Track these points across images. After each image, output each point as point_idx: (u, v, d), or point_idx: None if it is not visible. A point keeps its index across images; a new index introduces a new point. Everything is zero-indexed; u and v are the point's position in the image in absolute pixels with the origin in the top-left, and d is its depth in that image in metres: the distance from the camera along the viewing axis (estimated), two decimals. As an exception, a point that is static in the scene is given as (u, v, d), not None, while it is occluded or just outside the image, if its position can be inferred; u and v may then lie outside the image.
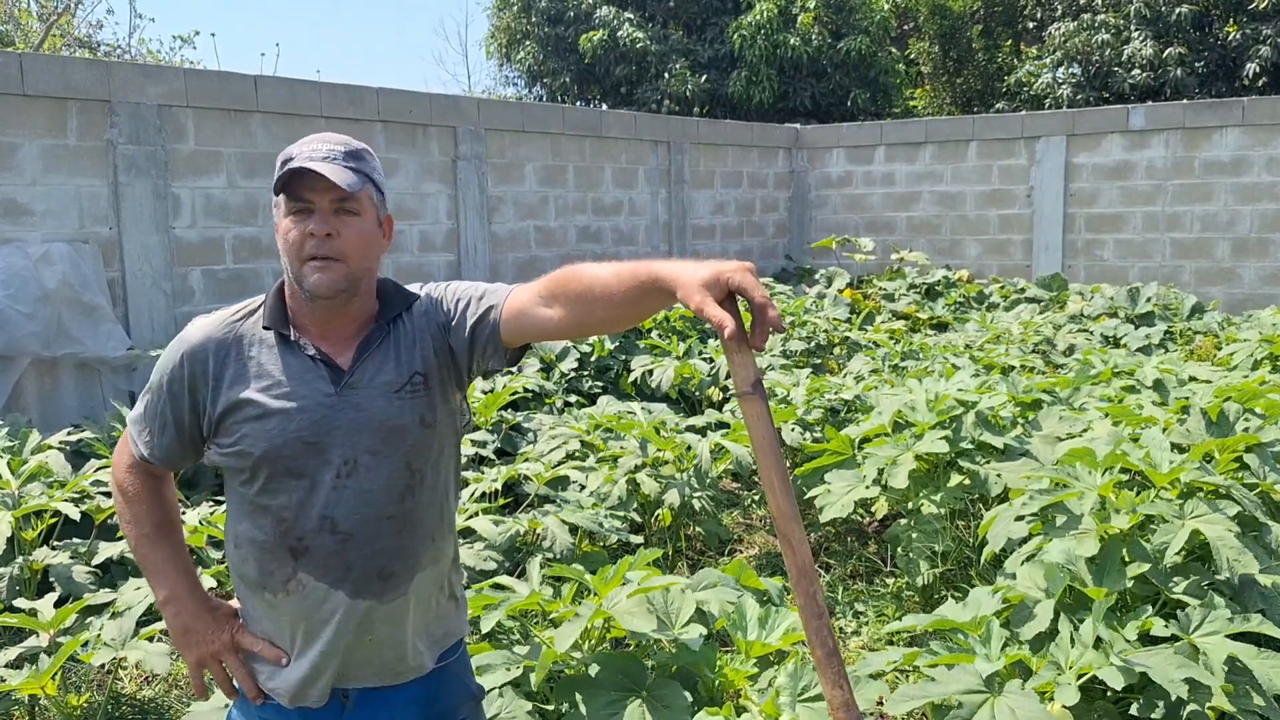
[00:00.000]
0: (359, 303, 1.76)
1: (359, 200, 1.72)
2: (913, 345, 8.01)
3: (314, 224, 1.69)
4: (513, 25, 18.66)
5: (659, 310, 1.64)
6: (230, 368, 1.74)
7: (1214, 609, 2.87)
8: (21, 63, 6.41)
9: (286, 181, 1.68)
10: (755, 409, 1.40)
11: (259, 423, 1.71)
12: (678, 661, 2.86)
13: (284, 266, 1.75)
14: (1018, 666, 2.72)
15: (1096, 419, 4.86)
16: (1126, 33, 15.10)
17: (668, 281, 1.50)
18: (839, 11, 16.77)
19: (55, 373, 6.42)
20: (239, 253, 7.53)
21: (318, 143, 1.73)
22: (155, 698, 3.76)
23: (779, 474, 1.40)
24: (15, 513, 3.98)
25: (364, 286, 1.76)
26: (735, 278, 1.42)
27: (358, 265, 1.72)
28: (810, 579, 1.39)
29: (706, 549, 5.14)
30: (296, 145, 1.74)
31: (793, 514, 1.41)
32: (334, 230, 1.69)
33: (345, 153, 1.72)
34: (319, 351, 1.74)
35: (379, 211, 1.77)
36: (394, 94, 8.58)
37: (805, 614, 1.39)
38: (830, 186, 13.16)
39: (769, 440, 1.40)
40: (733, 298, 1.45)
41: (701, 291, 1.43)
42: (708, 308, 1.41)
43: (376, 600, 1.75)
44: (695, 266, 1.47)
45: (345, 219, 1.70)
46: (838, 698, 1.38)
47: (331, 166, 1.68)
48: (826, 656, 1.38)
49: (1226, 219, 10.75)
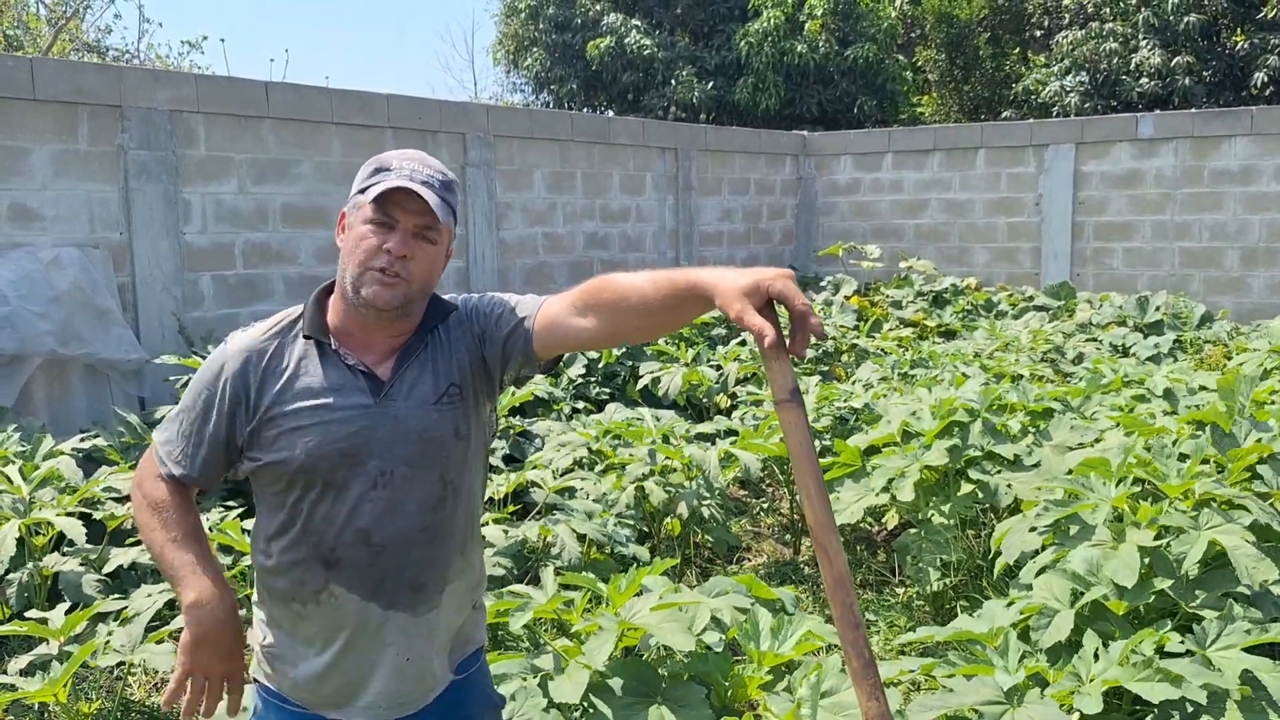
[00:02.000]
0: (406, 321, 1.77)
1: (440, 231, 1.73)
2: (921, 353, 7.99)
3: (394, 242, 1.68)
4: (520, 32, 18.69)
5: (695, 318, 1.64)
6: (269, 379, 1.73)
7: (1231, 621, 2.85)
8: (32, 67, 6.42)
9: (383, 193, 1.68)
10: (793, 417, 1.40)
11: (297, 434, 1.70)
12: (691, 670, 2.85)
13: (340, 269, 1.73)
14: (1035, 678, 2.70)
15: (1108, 429, 4.84)
16: (1134, 41, 15.09)
17: (706, 289, 1.49)
18: (846, 19, 16.78)
19: (64, 376, 6.43)
20: (249, 258, 7.53)
21: (417, 162, 1.72)
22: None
23: (816, 483, 1.39)
24: (24, 521, 3.97)
25: (419, 307, 1.76)
26: (776, 285, 1.42)
27: (419, 288, 1.72)
28: (847, 590, 1.38)
29: (715, 557, 5.12)
30: (393, 157, 1.74)
31: (830, 523, 1.40)
32: (410, 253, 1.69)
33: (442, 182, 1.73)
34: (359, 362, 1.74)
35: (450, 242, 1.79)
36: (404, 100, 8.59)
37: (842, 625, 1.38)
38: (838, 193, 13.15)
39: (807, 448, 1.39)
40: (771, 305, 1.44)
41: (742, 299, 1.42)
42: (748, 316, 1.41)
43: (409, 613, 1.74)
44: (735, 274, 1.46)
45: (422, 245, 1.71)
46: (874, 709, 1.36)
47: (429, 192, 1.68)
48: (863, 668, 1.37)
49: (1235, 228, 10.72)
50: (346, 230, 1.74)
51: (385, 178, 1.69)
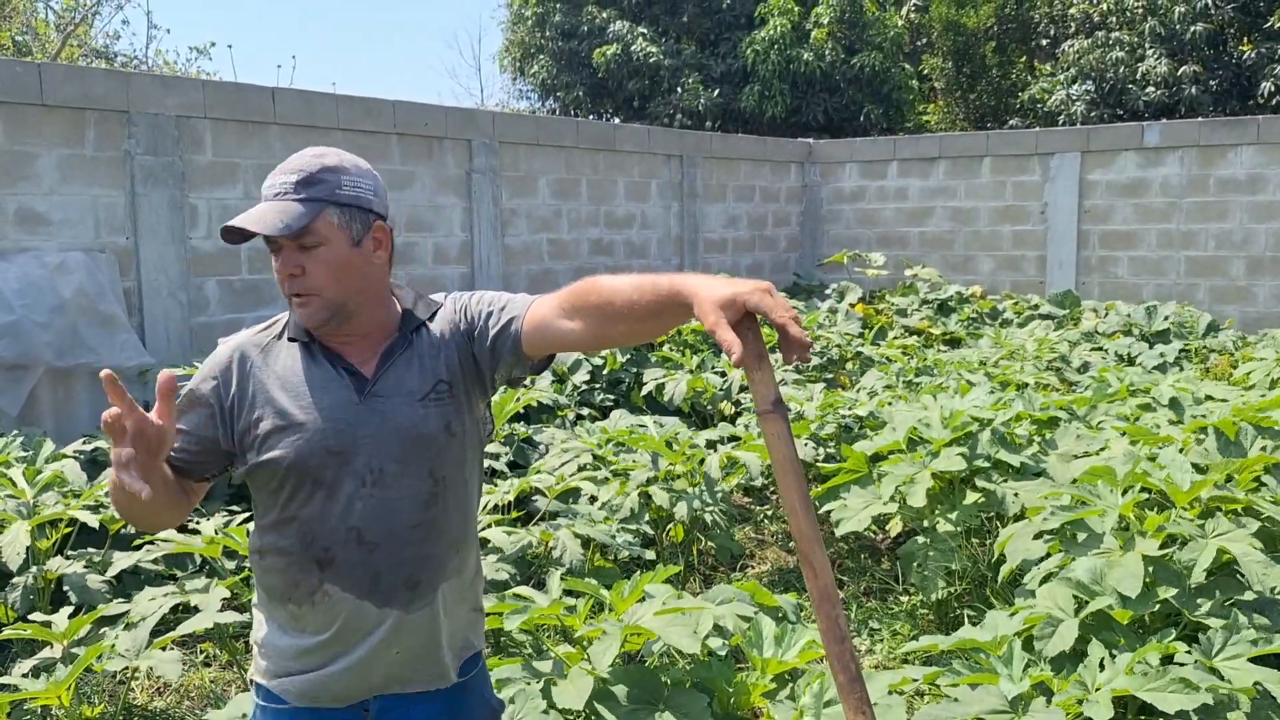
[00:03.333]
0: (366, 318, 1.75)
1: (315, 233, 1.67)
2: (926, 361, 7.98)
3: (278, 263, 1.71)
4: (527, 39, 18.74)
5: (679, 324, 1.62)
6: (255, 380, 1.75)
7: (1237, 630, 2.83)
8: (40, 73, 6.45)
9: (236, 229, 1.67)
10: (775, 428, 1.38)
11: (285, 433, 1.71)
12: (694, 677, 2.84)
13: None
14: (1040, 688, 2.69)
15: (1114, 438, 4.83)
16: (1141, 50, 15.08)
17: (686, 297, 1.48)
18: (852, 27, 16.79)
19: (70, 382, 6.44)
20: (254, 264, 7.55)
21: (280, 174, 1.71)
22: (168, 709, 3.75)
23: (800, 494, 1.37)
24: (32, 521, 3.98)
25: (357, 306, 1.73)
26: (753, 299, 1.39)
27: (335, 295, 1.70)
28: (833, 603, 1.36)
29: (719, 564, 5.11)
30: (269, 177, 1.74)
31: (814, 536, 1.38)
32: (299, 268, 1.68)
33: (297, 182, 1.68)
34: (342, 361, 1.75)
35: (351, 231, 1.70)
36: (410, 106, 8.61)
37: (827, 639, 1.37)
38: (843, 201, 13.15)
39: (790, 460, 1.37)
40: (752, 317, 1.42)
41: (717, 312, 1.40)
42: (720, 330, 1.38)
43: (403, 610, 1.75)
44: (716, 284, 1.44)
45: (309, 253, 1.68)
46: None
47: (270, 209, 1.66)
48: (849, 682, 1.36)
49: (1241, 237, 10.70)
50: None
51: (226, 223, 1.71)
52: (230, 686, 3.87)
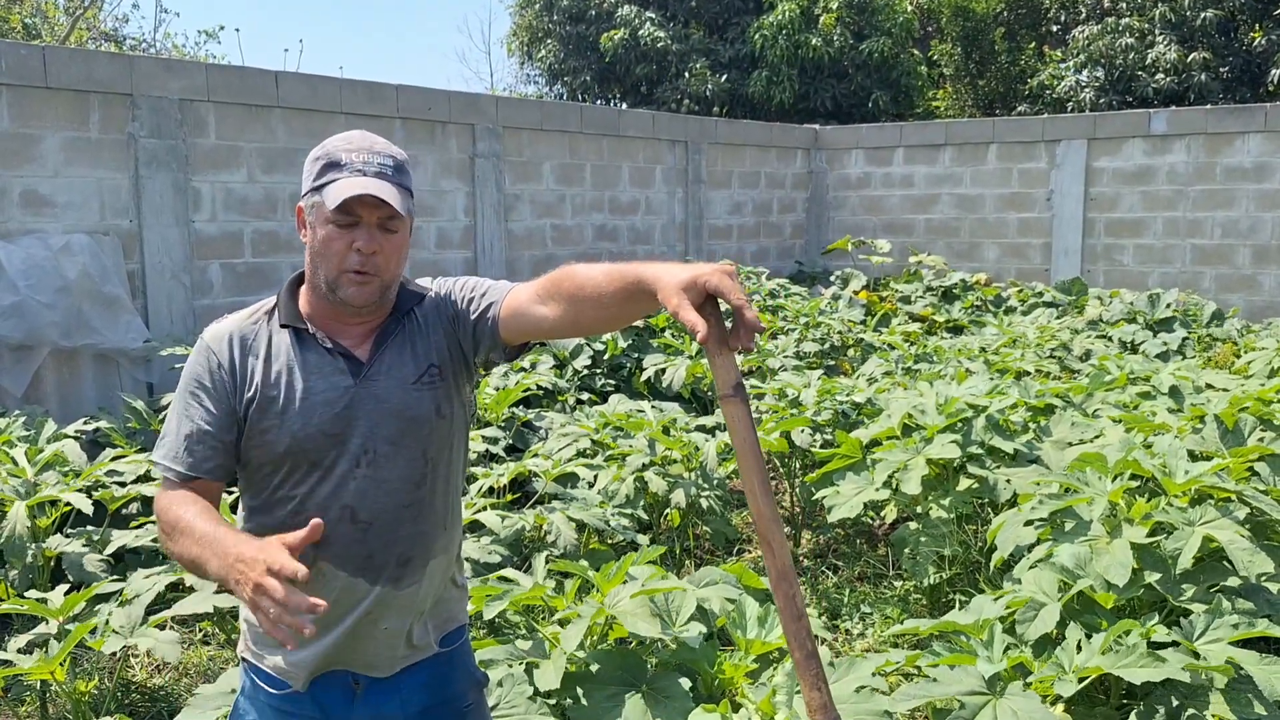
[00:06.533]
0: (381, 308, 1.81)
1: (403, 220, 1.74)
2: (927, 348, 7.98)
3: (362, 241, 1.70)
4: (534, 23, 18.69)
5: (648, 312, 1.65)
6: (251, 366, 1.77)
7: (1220, 615, 2.85)
8: (45, 55, 6.47)
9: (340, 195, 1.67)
10: (736, 411, 1.41)
11: (283, 417, 1.74)
12: (678, 658, 2.87)
13: (311, 268, 1.77)
14: (1019, 669, 2.71)
15: (1108, 425, 4.83)
16: (1151, 37, 14.99)
17: (649, 282, 1.52)
18: (861, 13, 16.71)
19: (74, 363, 6.49)
20: (258, 246, 7.58)
21: (367, 153, 1.72)
22: (165, 685, 3.80)
23: (759, 477, 1.42)
24: (29, 502, 4.02)
25: (390, 296, 1.80)
26: (713, 280, 1.43)
27: (391, 278, 1.76)
28: (790, 582, 1.41)
29: (715, 549, 5.14)
30: (341, 147, 1.73)
31: (773, 516, 1.42)
32: (378, 247, 1.72)
33: (394, 167, 1.73)
34: (337, 345, 1.78)
35: (412, 223, 1.80)
36: (413, 91, 8.62)
37: (784, 616, 1.41)
38: (849, 188, 13.12)
39: (750, 444, 1.41)
40: (714, 300, 1.46)
41: (679, 294, 1.44)
42: (683, 311, 1.42)
43: (393, 587, 1.79)
44: (676, 269, 1.49)
45: (388, 236, 1.73)
46: (816, 699, 1.39)
47: (386, 186, 1.69)
48: (805, 659, 1.39)
49: (1248, 225, 10.65)
50: (309, 229, 1.76)
51: (339, 176, 1.70)
52: (228, 664, 3.91)
